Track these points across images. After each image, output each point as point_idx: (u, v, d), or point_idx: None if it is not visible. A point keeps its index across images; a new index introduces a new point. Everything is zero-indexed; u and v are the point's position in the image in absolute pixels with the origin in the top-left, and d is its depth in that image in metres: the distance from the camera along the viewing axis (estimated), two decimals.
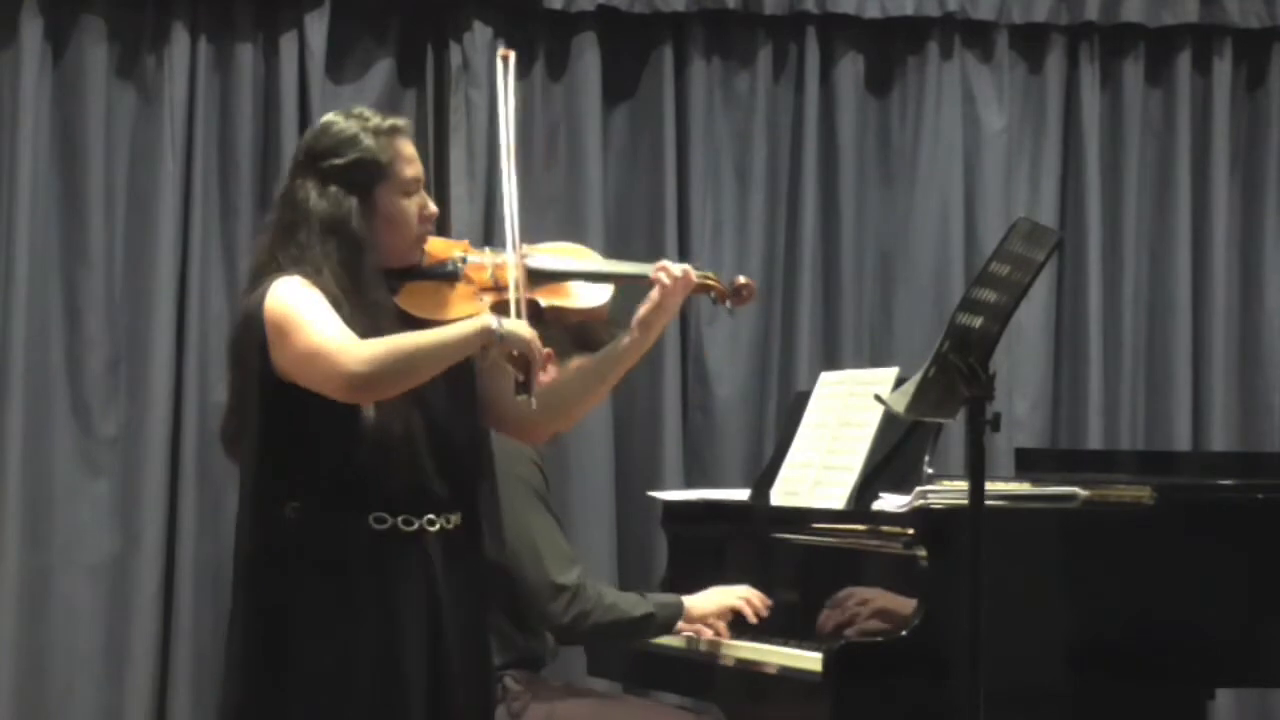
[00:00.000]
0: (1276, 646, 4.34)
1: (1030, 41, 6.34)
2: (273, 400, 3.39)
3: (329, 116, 3.57)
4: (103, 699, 5.68)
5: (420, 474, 3.44)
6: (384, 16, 5.99)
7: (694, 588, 4.53)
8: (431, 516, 3.46)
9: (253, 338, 3.40)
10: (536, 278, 3.56)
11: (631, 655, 4.62)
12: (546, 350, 3.46)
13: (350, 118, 3.53)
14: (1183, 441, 6.25)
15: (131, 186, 5.80)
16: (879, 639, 4.08)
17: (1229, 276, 6.38)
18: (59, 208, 5.76)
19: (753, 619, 4.36)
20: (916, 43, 6.25)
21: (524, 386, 3.36)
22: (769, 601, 4.37)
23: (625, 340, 3.58)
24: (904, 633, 4.01)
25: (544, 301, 3.54)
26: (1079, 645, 4.21)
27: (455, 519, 3.50)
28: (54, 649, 5.67)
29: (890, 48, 6.27)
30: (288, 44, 5.84)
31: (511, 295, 3.47)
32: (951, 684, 3.88)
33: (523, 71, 6.05)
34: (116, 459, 5.73)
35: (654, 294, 3.57)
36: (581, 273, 3.63)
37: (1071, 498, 4.23)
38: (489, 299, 3.51)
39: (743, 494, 4.82)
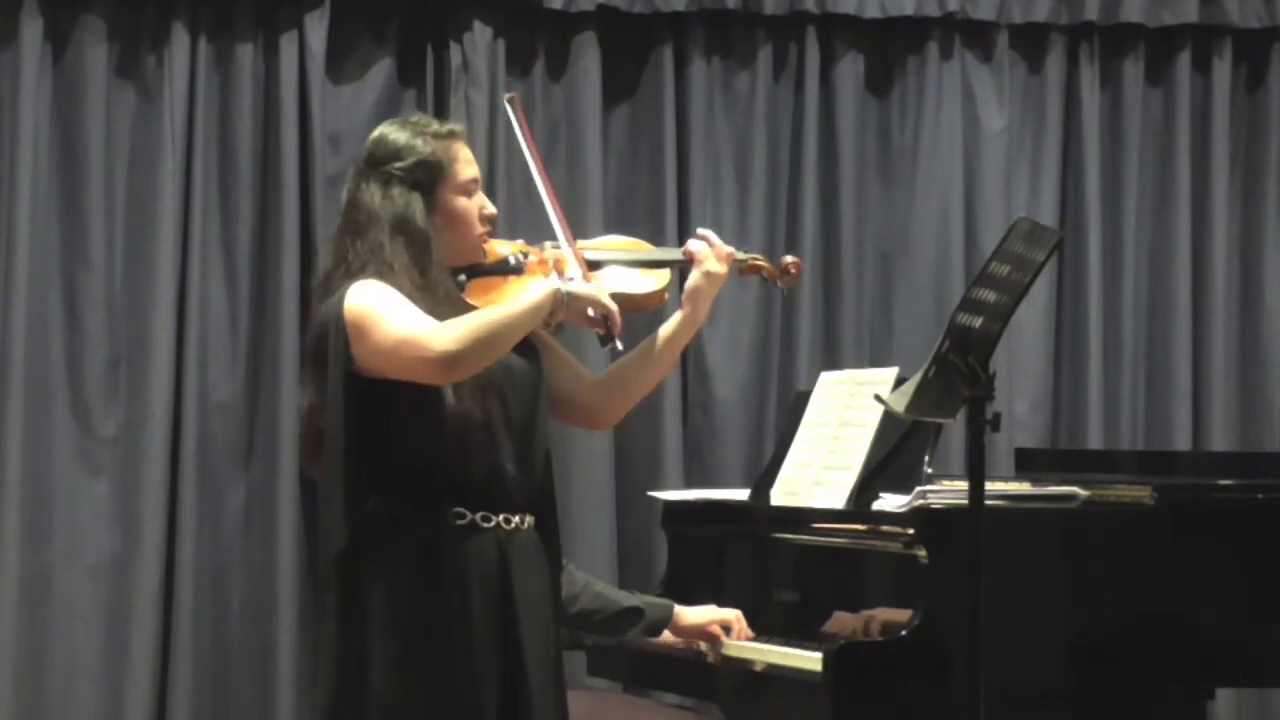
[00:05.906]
0: (1276, 646, 4.34)
1: (1030, 41, 6.34)
2: (356, 398, 3.48)
3: (384, 127, 3.66)
4: (103, 699, 5.67)
5: (498, 466, 3.51)
6: (384, 16, 5.99)
7: (694, 588, 4.52)
8: (508, 515, 3.53)
9: (335, 340, 3.49)
10: (593, 266, 3.72)
11: (631, 655, 4.61)
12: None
13: (407, 125, 3.65)
14: (1183, 441, 6.25)
15: (131, 186, 5.80)
16: (879, 639, 4.08)
17: (1229, 276, 6.38)
18: (59, 208, 5.76)
19: (735, 638, 4.33)
20: (916, 43, 6.25)
21: (606, 338, 3.51)
22: (750, 634, 4.35)
23: (678, 316, 3.75)
24: (904, 633, 4.01)
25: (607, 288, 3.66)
26: (1079, 645, 4.20)
27: (530, 521, 3.58)
28: (54, 649, 5.67)
29: (890, 48, 6.27)
30: (288, 44, 5.84)
31: (576, 273, 3.64)
32: (951, 684, 3.88)
33: (523, 71, 6.06)
34: (116, 459, 5.73)
35: (695, 266, 3.77)
36: (635, 260, 3.80)
37: (1071, 498, 4.22)
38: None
39: (743, 494, 4.81)
